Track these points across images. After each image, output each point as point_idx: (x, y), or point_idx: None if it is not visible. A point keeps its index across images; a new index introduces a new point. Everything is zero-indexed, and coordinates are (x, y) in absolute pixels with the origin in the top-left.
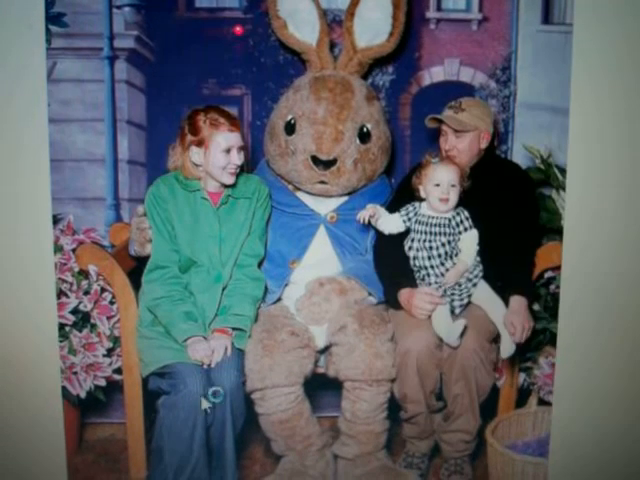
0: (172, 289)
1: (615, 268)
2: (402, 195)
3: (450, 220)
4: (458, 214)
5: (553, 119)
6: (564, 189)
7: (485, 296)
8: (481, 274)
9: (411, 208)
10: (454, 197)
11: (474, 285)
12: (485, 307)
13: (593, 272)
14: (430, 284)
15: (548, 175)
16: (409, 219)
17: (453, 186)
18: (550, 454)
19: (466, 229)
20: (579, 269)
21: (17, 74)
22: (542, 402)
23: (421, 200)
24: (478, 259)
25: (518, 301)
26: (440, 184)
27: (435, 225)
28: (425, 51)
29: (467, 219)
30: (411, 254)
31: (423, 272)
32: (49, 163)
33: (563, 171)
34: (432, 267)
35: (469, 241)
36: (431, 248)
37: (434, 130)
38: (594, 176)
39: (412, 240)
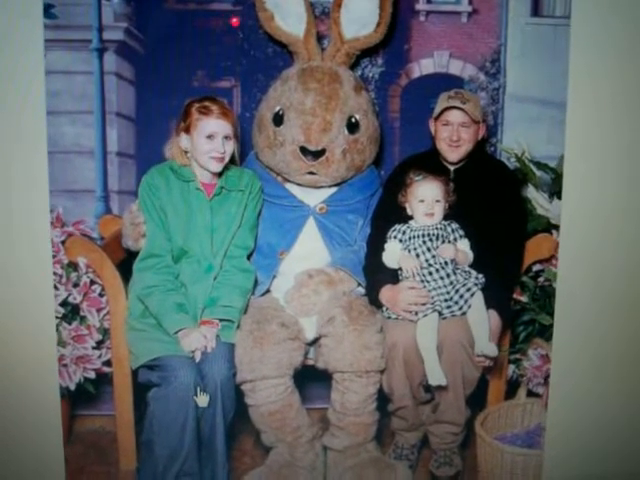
0: (165, 279)
1: (611, 261)
2: (389, 200)
3: (445, 226)
4: (449, 224)
5: (542, 111)
6: (537, 186)
7: (476, 317)
8: (479, 286)
9: (398, 227)
10: (439, 211)
11: (472, 295)
12: (470, 320)
13: (589, 266)
14: (435, 281)
15: (525, 173)
16: (403, 234)
17: (437, 201)
18: (545, 446)
19: (460, 237)
20: (575, 262)
21: (14, 66)
22: (531, 394)
23: (409, 218)
24: (468, 270)
25: (492, 316)
26: (424, 200)
27: (432, 232)
28: (415, 43)
29: (458, 230)
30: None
31: (425, 271)
32: (46, 155)
33: (542, 165)
34: (437, 270)
35: (464, 248)
36: (429, 249)
37: (424, 122)
38: (591, 170)
39: (410, 251)
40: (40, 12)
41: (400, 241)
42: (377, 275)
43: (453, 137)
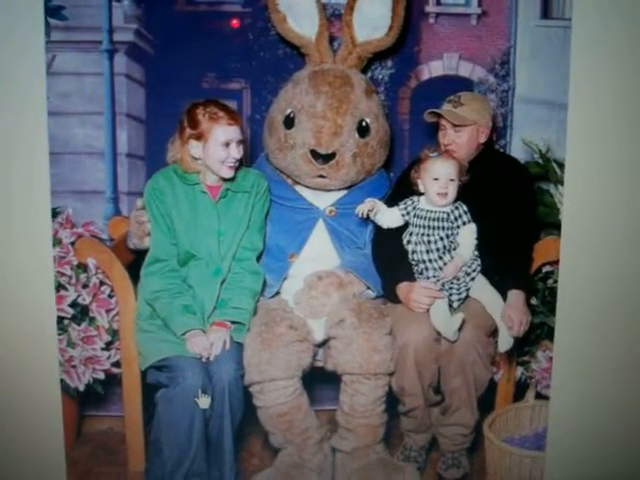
0: (171, 282)
1: (613, 262)
2: (401, 189)
3: (449, 214)
4: (457, 208)
5: (551, 113)
6: (562, 183)
7: (483, 290)
8: (479, 268)
9: (409, 202)
10: (452, 191)
11: (472, 279)
12: (483, 301)
13: (591, 266)
14: (428, 278)
15: (546, 170)
16: (408, 213)
17: (452, 180)
18: (547, 448)
19: (464, 223)
20: (577, 263)
21: (16, 67)
22: (539, 396)
23: (420, 194)
24: (476, 253)
25: (516, 295)
26: (439, 178)
27: (434, 219)
28: (424, 45)
29: (465, 213)
30: (409, 248)
31: (421, 266)
32: (48, 156)
33: (561, 165)
34: (430, 261)
35: (467, 235)
36: (429, 242)
37: (433, 124)
38: (592, 170)
39: (410, 234)
40: (41, 12)
41: (402, 215)
42: (393, 271)
43: (444, 141)
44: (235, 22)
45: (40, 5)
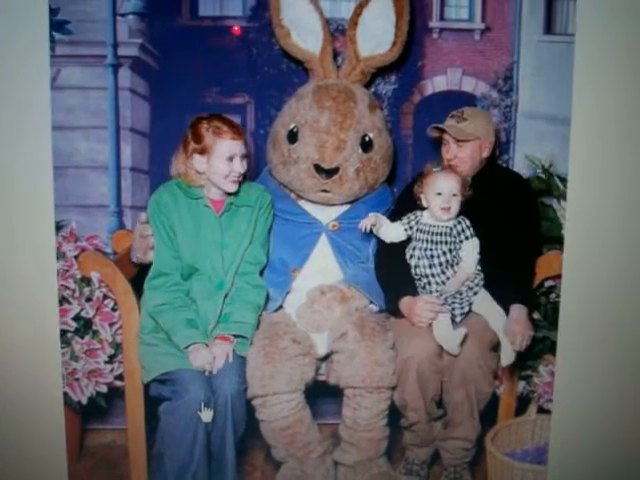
0: (174, 296)
1: (615, 277)
2: (404, 204)
3: (451, 229)
4: (459, 223)
5: (555, 129)
6: (565, 198)
7: (486, 305)
8: (482, 283)
9: (412, 217)
10: (455, 206)
11: (475, 294)
12: (486, 316)
13: (593, 281)
14: (431, 292)
15: (549, 185)
16: (410, 228)
17: (454, 195)
18: (549, 462)
19: (467, 238)
20: (579, 278)
21: (21, 81)
22: (542, 410)
23: (423, 209)
24: (479, 268)
25: (518, 309)
26: (442, 193)
27: (436, 234)
28: (428, 60)
29: (468, 228)
30: (412, 262)
31: (424, 280)
32: (52, 170)
33: (564, 180)
34: (433, 275)
35: (470, 250)
36: (432, 256)
37: (436, 139)
38: (595, 185)
39: (413, 249)
40: (46, 25)
41: (405, 230)
42: (396, 286)
43: (447, 156)
44: (237, 29)
45: (45, 19)
